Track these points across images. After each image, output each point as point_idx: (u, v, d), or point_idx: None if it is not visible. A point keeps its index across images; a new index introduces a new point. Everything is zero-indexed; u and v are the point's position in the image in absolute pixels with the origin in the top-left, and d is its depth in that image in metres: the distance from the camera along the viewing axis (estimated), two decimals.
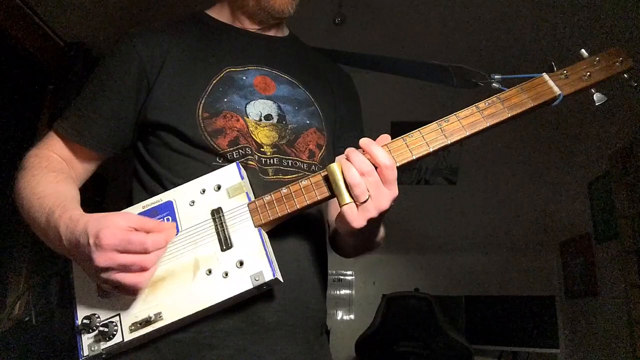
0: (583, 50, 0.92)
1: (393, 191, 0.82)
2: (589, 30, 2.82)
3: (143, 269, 0.80)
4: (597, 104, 0.89)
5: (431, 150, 0.84)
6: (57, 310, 2.57)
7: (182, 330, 0.85)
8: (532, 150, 3.60)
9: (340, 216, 0.83)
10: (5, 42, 2.58)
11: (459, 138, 0.85)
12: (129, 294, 0.83)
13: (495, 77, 0.88)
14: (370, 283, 3.86)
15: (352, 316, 3.82)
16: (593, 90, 0.90)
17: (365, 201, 0.80)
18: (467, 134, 0.85)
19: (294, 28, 1.24)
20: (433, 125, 0.85)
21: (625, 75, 0.92)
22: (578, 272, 3.47)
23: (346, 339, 3.53)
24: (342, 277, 3.90)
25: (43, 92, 2.94)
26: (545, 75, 0.89)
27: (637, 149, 2.90)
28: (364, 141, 0.83)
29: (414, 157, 0.84)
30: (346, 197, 0.81)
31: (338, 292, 3.87)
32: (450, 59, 1.07)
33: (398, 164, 0.83)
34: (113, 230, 0.78)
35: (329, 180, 0.84)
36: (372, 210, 0.80)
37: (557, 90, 0.87)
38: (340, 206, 0.82)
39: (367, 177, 0.80)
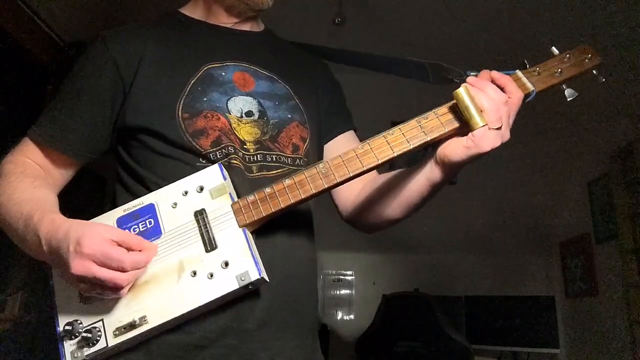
0: (554, 48, 0.95)
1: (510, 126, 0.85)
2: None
3: (116, 287, 0.79)
4: (568, 99, 0.92)
5: (411, 147, 0.85)
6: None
7: (173, 331, 0.84)
8: (532, 150, 3.58)
9: (468, 143, 0.83)
10: (5, 42, 2.58)
11: (438, 135, 0.86)
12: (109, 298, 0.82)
13: (471, 74, 0.90)
14: (370, 283, 3.84)
15: (352, 316, 3.80)
16: (564, 86, 0.93)
17: (498, 128, 0.82)
18: (446, 130, 0.86)
19: (294, 28, 1.23)
20: (412, 123, 0.87)
21: (594, 72, 0.95)
22: (578, 272, 3.46)
23: (346, 339, 3.53)
24: (342, 277, 3.89)
25: (43, 92, 2.94)
26: (519, 72, 0.91)
27: (637, 149, 2.90)
28: (495, 74, 0.87)
29: (395, 154, 0.85)
30: (480, 120, 0.82)
31: (338, 292, 3.86)
32: (450, 58, 1.07)
33: (380, 161, 0.85)
34: (95, 239, 0.77)
35: (456, 111, 0.85)
36: (499, 140, 0.82)
37: (530, 86, 0.90)
38: (473, 130, 0.82)
39: (502, 106, 0.83)
